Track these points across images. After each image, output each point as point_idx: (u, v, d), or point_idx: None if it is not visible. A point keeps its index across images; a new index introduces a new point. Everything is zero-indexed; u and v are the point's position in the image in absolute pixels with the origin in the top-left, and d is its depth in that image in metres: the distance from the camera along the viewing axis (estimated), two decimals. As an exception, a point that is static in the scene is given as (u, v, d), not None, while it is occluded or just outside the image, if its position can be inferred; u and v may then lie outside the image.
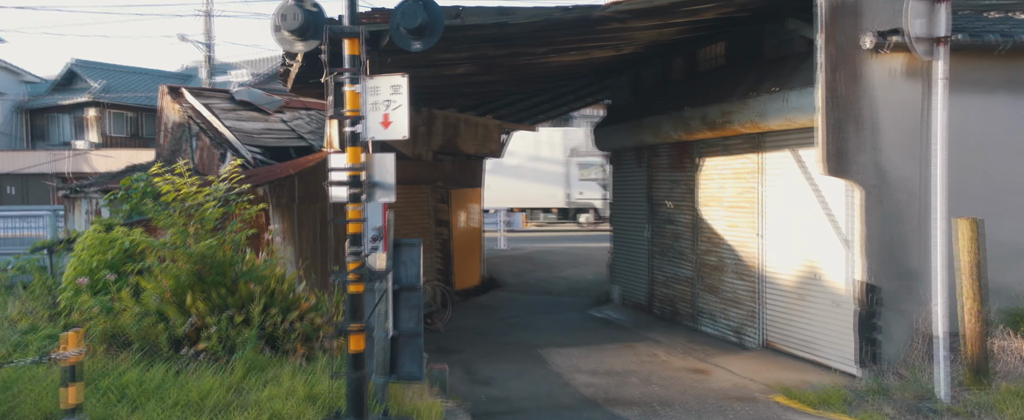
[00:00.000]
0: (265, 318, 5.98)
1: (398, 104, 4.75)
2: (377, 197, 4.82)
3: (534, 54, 9.22)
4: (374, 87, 4.79)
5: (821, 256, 8.01)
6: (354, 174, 4.70)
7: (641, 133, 11.27)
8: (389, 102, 4.74)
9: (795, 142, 8.41)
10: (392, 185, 4.81)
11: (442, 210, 13.85)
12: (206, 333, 5.75)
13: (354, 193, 4.71)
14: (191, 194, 6.33)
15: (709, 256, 10.14)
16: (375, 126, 4.77)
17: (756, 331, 9.14)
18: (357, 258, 4.69)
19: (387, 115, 4.77)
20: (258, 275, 6.22)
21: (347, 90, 4.62)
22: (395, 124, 4.78)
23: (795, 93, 7.81)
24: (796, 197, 8.40)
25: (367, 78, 4.75)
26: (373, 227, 4.71)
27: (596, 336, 10.55)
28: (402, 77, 4.80)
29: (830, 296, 7.87)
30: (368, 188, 4.81)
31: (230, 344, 5.79)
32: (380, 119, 4.76)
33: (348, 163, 4.68)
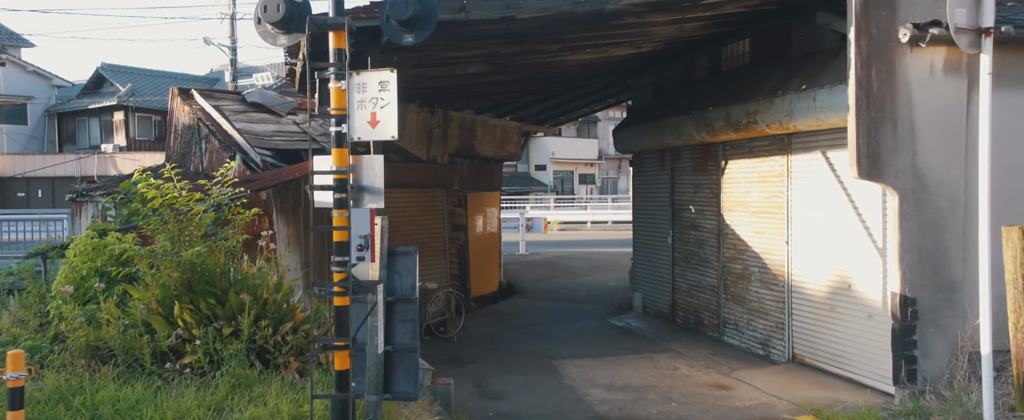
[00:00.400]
0: (255, 330, 5.64)
1: (386, 102, 4.38)
2: (365, 202, 4.45)
3: (547, 52, 8.81)
4: (361, 83, 4.43)
5: (853, 265, 7.49)
6: (340, 178, 4.32)
7: (663, 135, 10.81)
8: (377, 100, 4.38)
9: (825, 144, 7.90)
10: (381, 189, 4.43)
11: (458, 214, 13.49)
12: (191, 346, 5.42)
13: (339, 198, 4.34)
14: (180, 198, 6.02)
15: (734, 264, 9.64)
16: (362, 125, 4.41)
17: (783, 344, 8.62)
18: (342, 268, 4.32)
19: (374, 113, 4.40)
20: (250, 284, 5.88)
21: (332, 87, 4.25)
22: (383, 123, 4.41)
23: (825, 91, 7.32)
24: (826, 202, 7.89)
25: (353, 74, 4.38)
26: (359, 235, 4.34)
27: (615, 346, 10.10)
28: (390, 72, 4.43)
29: (863, 308, 7.35)
30: (355, 193, 4.44)
31: (217, 358, 5.46)
32: (367, 118, 4.39)
33: (333, 165, 4.31)
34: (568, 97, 14.24)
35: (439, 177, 12.02)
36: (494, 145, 13.98)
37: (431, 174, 11.76)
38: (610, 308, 13.21)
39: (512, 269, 16.72)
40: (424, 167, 11.59)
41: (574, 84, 12.55)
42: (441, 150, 12.28)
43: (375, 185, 4.40)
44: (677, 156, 11.02)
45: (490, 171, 14.42)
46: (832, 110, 7.24)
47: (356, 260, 4.35)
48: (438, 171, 12.00)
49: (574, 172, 47.66)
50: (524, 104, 14.18)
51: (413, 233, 11.31)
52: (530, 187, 43.89)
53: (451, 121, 12.58)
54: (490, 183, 14.49)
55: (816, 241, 8.09)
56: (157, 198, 6.01)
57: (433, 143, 12.05)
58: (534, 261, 18.29)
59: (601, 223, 31.98)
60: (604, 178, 49.15)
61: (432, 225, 11.72)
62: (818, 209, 8.04)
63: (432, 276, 11.44)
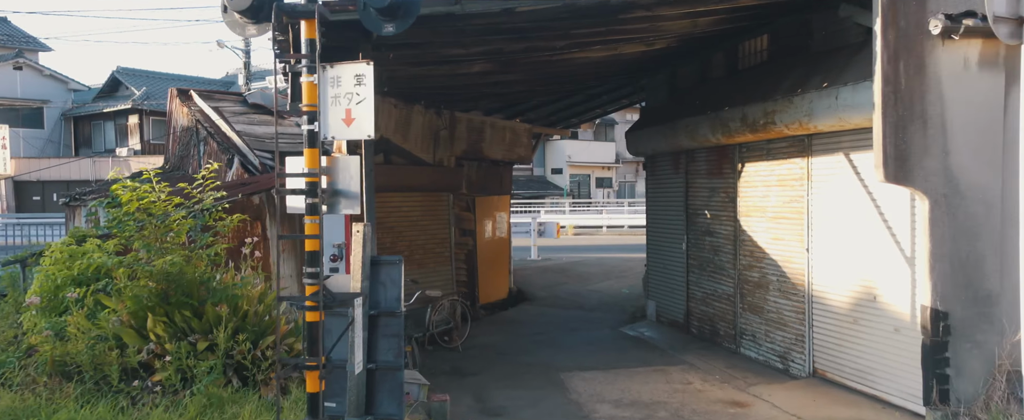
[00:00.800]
0: (233, 345, 5.27)
1: (362, 97, 3.99)
2: (341, 208, 4.05)
3: (554, 49, 8.39)
4: (335, 77, 4.04)
5: (878, 275, 7.00)
6: (312, 181, 3.93)
7: (677, 136, 10.34)
8: (352, 95, 3.99)
9: (848, 145, 7.42)
10: (357, 194, 4.04)
11: (466, 219, 13.10)
12: (161, 363, 5.06)
13: (312, 203, 3.95)
14: (157, 203, 5.67)
15: (751, 271, 9.15)
16: (335, 123, 4.02)
17: (804, 357, 8.13)
18: (314, 280, 3.92)
19: (350, 110, 4.01)
20: (230, 295, 5.51)
21: (303, 81, 3.87)
22: (359, 121, 4.02)
23: (848, 89, 6.84)
24: (849, 207, 7.40)
25: (326, 67, 3.99)
26: (333, 244, 3.95)
27: (625, 358, 9.64)
28: (367, 65, 4.04)
29: (890, 321, 6.85)
30: (330, 197, 4.05)
31: (190, 375, 5.09)
32: (341, 115, 4.00)
33: (305, 167, 3.92)
34: (580, 98, 13.81)
35: (445, 180, 11.64)
36: (503, 147, 13.58)
37: (437, 177, 11.38)
38: (622, 317, 12.74)
39: (523, 275, 16.29)
40: (429, 170, 11.21)
41: (585, 84, 12.12)
42: (448, 153, 11.89)
43: (351, 189, 4.00)
44: (692, 158, 10.55)
45: (499, 174, 14.01)
46: (856, 109, 6.77)
47: (329, 271, 3.96)
48: (444, 174, 11.61)
49: (591, 176, 47.18)
50: (534, 105, 13.77)
51: (417, 238, 10.93)
52: (546, 191, 43.47)
53: (458, 123, 12.19)
54: (499, 186, 14.08)
55: (838, 249, 7.60)
56: (133, 202, 5.65)
57: (439, 145, 11.67)
58: (546, 267, 17.85)
59: (617, 227, 31.45)
60: (622, 182, 48.61)
61: (437, 230, 11.33)
62: (840, 215, 7.56)
63: (437, 283, 11.04)
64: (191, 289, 5.48)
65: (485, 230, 13.53)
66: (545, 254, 20.17)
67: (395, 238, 10.55)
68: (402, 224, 10.69)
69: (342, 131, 4.03)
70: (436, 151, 11.60)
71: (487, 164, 13.41)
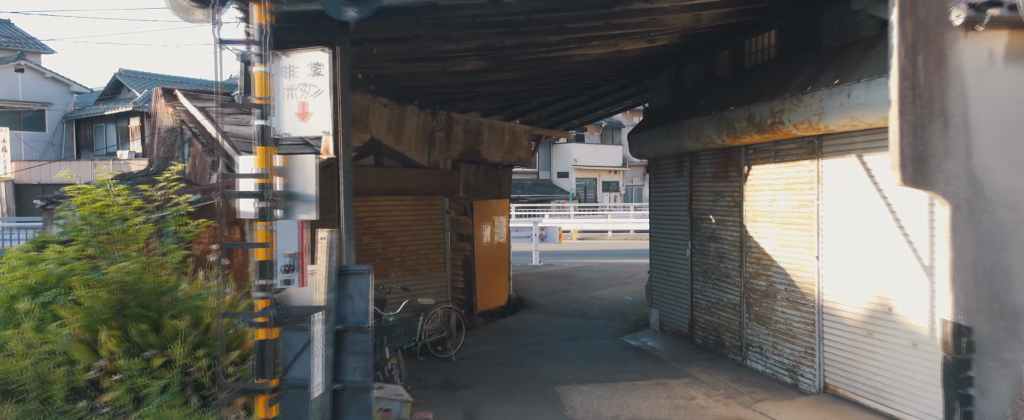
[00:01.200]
0: (192, 361, 4.85)
1: (319, 89, 3.57)
2: (297, 213, 3.63)
3: (550, 45, 7.96)
4: (289, 67, 3.62)
5: (894, 285, 6.53)
6: (264, 182, 3.51)
7: (680, 138, 9.89)
8: (308, 86, 3.57)
9: (861, 146, 6.96)
10: (313, 197, 3.62)
11: (463, 224, 12.68)
12: (108, 381, 4.64)
13: (263, 208, 3.53)
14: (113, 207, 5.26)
15: (758, 280, 8.68)
16: (289, 118, 3.61)
17: (813, 371, 7.66)
18: (266, 294, 3.50)
19: (305, 104, 3.59)
20: (191, 306, 5.10)
21: (254, 71, 3.46)
22: (315, 115, 3.60)
23: (861, 85, 6.38)
24: (862, 212, 6.94)
25: (280, 55, 3.58)
26: (285, 254, 3.53)
27: (626, 370, 9.18)
28: (323, 53, 3.61)
29: (906, 335, 6.38)
30: (284, 201, 3.63)
31: (143, 394, 4.67)
32: (296, 109, 3.58)
33: (255, 167, 3.50)
34: (582, 99, 13.36)
35: (441, 184, 11.21)
36: (502, 150, 13.16)
37: (431, 180, 10.96)
38: (625, 325, 12.29)
39: (523, 281, 15.85)
40: (423, 173, 10.79)
41: (586, 84, 11.68)
42: (444, 155, 11.48)
43: (307, 192, 3.59)
44: (696, 161, 10.10)
45: (498, 177, 13.58)
46: (870, 107, 6.31)
47: (282, 284, 3.54)
48: (439, 177, 11.19)
49: (597, 179, 46.71)
50: (534, 106, 13.34)
51: (410, 244, 10.51)
52: (552, 194, 43.02)
53: (455, 124, 11.78)
54: (498, 190, 13.65)
55: (850, 257, 7.14)
56: (86, 205, 5.25)
57: (435, 147, 11.26)
58: (547, 273, 17.40)
59: (622, 232, 30.93)
60: (628, 186, 48.11)
61: (431, 235, 10.90)
62: (853, 220, 7.10)
63: (430, 291, 10.62)
64: (150, 300, 5.06)
65: (483, 235, 13.11)
66: (547, 259, 19.72)
67: (386, 244, 10.14)
68: (393, 229, 10.27)
69: (297, 126, 3.61)
70: (431, 153, 11.19)
71: (485, 167, 12.99)
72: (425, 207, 10.86)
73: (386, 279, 10.02)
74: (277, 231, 3.53)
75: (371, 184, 9.79)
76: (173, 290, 5.31)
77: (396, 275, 10.23)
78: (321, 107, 3.60)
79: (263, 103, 3.54)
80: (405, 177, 10.42)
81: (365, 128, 9.80)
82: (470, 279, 12.74)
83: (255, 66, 3.48)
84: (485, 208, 13.16)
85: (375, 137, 10.00)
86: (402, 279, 10.23)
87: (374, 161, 10.01)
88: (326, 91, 3.59)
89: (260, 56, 3.51)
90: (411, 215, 10.62)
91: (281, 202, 3.64)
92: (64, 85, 33.67)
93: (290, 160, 3.68)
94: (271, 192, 3.53)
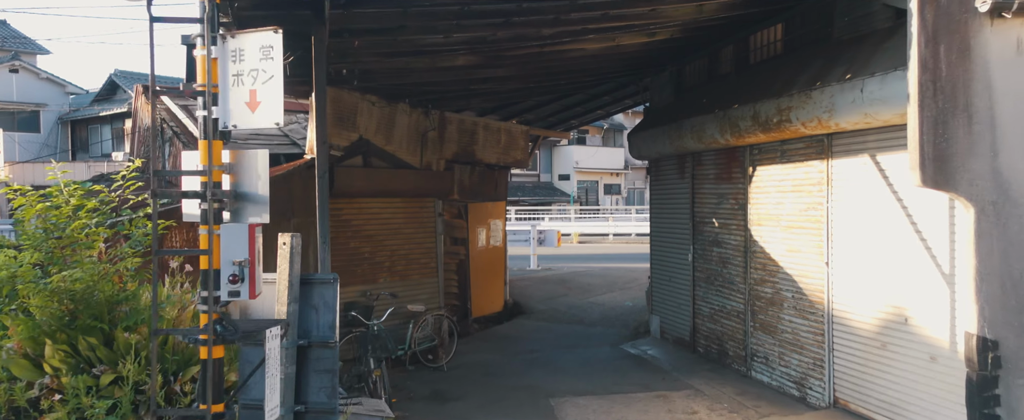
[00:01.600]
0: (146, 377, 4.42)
1: (270, 75, 3.15)
2: (247, 215, 3.22)
3: (544, 39, 7.55)
4: (236, 50, 3.20)
5: (910, 294, 6.10)
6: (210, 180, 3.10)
7: (682, 138, 9.47)
8: (258, 72, 3.15)
9: (874, 145, 6.53)
10: (265, 198, 3.21)
11: (458, 227, 12.25)
12: (48, 401, 4.22)
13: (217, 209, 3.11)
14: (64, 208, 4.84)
15: (763, 287, 8.25)
16: (238, 108, 3.19)
17: (823, 385, 7.22)
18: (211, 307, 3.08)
19: (255, 92, 3.17)
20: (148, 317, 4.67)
21: (197, 55, 3.05)
22: (265, 104, 3.18)
23: (875, 80, 5.96)
24: (875, 216, 6.51)
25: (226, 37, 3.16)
26: (232, 261, 3.11)
27: (625, 381, 8.75)
28: (275, 34, 3.20)
29: (924, 348, 5.95)
30: (232, 202, 3.21)
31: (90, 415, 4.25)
32: (245, 97, 3.16)
33: (199, 164, 3.09)
34: (581, 98, 12.94)
35: (433, 185, 10.79)
36: (498, 150, 12.73)
37: (423, 182, 10.53)
38: (624, 332, 11.86)
39: (520, 286, 15.41)
40: (414, 174, 10.37)
41: (584, 82, 11.26)
42: (436, 156, 11.06)
43: (258, 192, 3.17)
44: (698, 162, 9.67)
45: (494, 179, 13.16)
46: (885, 103, 5.89)
47: (228, 296, 3.12)
48: (432, 179, 10.77)
49: (599, 182, 46.30)
50: (531, 106, 12.92)
51: (400, 248, 10.08)
52: (553, 197, 42.62)
53: (448, 123, 11.36)
54: (494, 192, 13.22)
55: (863, 263, 6.70)
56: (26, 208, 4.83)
57: (427, 148, 10.83)
58: (546, 277, 16.96)
59: (624, 235, 30.49)
60: (630, 188, 47.69)
61: (422, 239, 10.48)
62: (865, 224, 6.67)
63: (421, 297, 10.19)
64: (103, 310, 4.65)
65: (478, 238, 12.69)
66: (546, 263, 19.28)
67: (375, 248, 9.71)
68: (383, 232, 9.85)
69: (245, 117, 3.19)
70: (423, 154, 10.77)
71: (481, 168, 12.56)
72: (416, 209, 10.44)
73: (374, 285, 9.61)
74: (223, 236, 3.11)
75: (359, 185, 9.37)
76: (130, 299, 4.89)
77: (385, 280, 9.81)
78: (271, 95, 3.18)
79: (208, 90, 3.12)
80: (395, 178, 10.00)
81: (353, 127, 9.38)
82: (464, 284, 12.31)
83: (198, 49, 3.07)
84: (480, 211, 12.74)
85: (364, 136, 9.58)
86: (392, 284, 9.81)
87: (363, 161, 9.59)
88: (277, 76, 3.17)
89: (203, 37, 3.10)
90: (401, 218, 10.21)
91: (229, 203, 3.22)
92: (59, 86, 33.34)
93: (239, 156, 3.27)
94: (217, 191, 3.11)
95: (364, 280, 9.51)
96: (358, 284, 9.41)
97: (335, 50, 7.13)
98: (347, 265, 9.33)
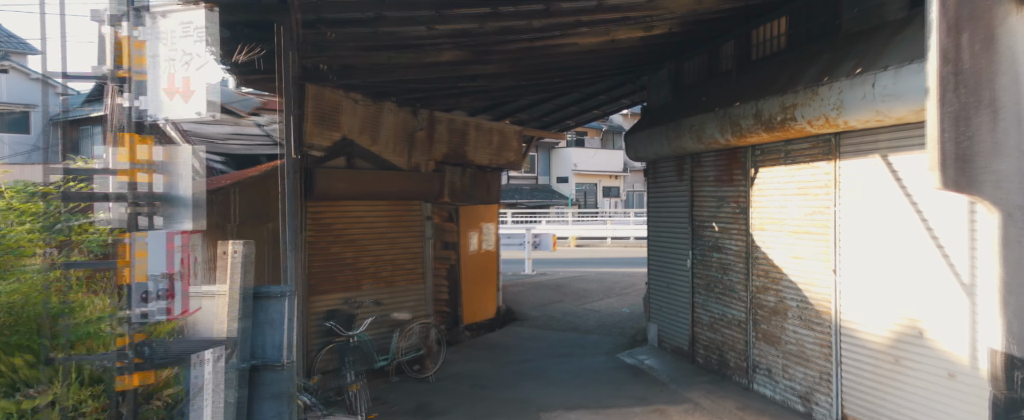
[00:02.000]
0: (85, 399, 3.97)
1: (197, 58, 2.70)
2: (177, 221, 2.77)
3: (535, 32, 7.11)
4: (159, 30, 2.75)
5: (926, 306, 5.66)
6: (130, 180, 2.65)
7: (681, 138, 9.03)
8: (182, 55, 2.71)
9: (885, 145, 6.09)
10: (197, 201, 2.75)
11: (448, 231, 11.82)
12: (-34, 429, 3.77)
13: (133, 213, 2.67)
14: (-3, 213, 4.40)
15: (766, 295, 7.81)
16: (161, 96, 2.74)
17: (830, 400, 6.78)
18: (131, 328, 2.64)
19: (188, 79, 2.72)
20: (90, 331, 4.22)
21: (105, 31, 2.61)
22: (192, 92, 2.73)
23: (888, 74, 5.52)
24: (887, 221, 6.07)
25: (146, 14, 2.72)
26: (155, 275, 2.66)
27: (620, 393, 8.31)
28: (199, 10, 2.75)
29: (941, 364, 5.51)
30: (162, 206, 2.77)
31: (15, 444, 3.80)
32: (168, 83, 2.72)
33: (117, 160, 2.64)
34: (575, 97, 12.51)
35: (421, 187, 10.34)
36: (490, 151, 12.30)
37: (410, 184, 10.09)
38: (621, 340, 11.41)
39: (513, 292, 14.96)
40: (401, 176, 9.93)
41: (578, 80, 10.82)
42: (425, 157, 10.62)
43: (184, 193, 2.72)
44: (697, 163, 9.23)
45: (486, 181, 12.72)
46: (899, 98, 5.45)
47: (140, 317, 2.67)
48: (420, 181, 10.33)
49: (598, 185, 45.85)
50: (525, 105, 12.50)
51: (385, 253, 9.63)
52: (551, 200, 42.19)
53: (438, 123, 10.93)
54: (486, 195, 12.79)
55: (874, 271, 6.26)
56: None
57: (415, 148, 10.40)
58: (540, 283, 16.50)
59: (622, 239, 30.02)
60: (629, 191, 47.24)
61: (409, 243, 10.03)
62: (876, 230, 6.22)
63: (407, 304, 9.75)
64: (38, 326, 4.19)
65: (470, 243, 12.25)
66: (541, 268, 18.83)
67: (358, 253, 9.26)
68: (367, 237, 9.40)
69: (168, 106, 2.75)
70: (412, 155, 10.33)
71: (472, 170, 12.13)
72: (403, 213, 9.99)
73: (358, 292, 9.16)
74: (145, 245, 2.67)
75: (341, 187, 8.93)
76: (74, 313, 4.43)
77: (369, 287, 9.36)
78: (200, 81, 2.74)
79: (129, 76, 2.68)
80: (381, 180, 9.55)
81: (336, 126, 8.95)
82: (455, 290, 11.87)
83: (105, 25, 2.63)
84: (472, 214, 12.31)
85: (347, 136, 9.15)
86: (376, 291, 9.37)
87: (346, 162, 9.16)
88: (205, 58, 2.74)
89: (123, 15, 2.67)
90: (387, 221, 9.76)
91: (153, 207, 2.78)
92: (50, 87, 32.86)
93: (170, 152, 2.83)
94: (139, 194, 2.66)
95: (346, 287, 9.06)
96: (340, 291, 8.96)
97: (310, 43, 6.70)
98: (328, 271, 8.88)
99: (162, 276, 2.69)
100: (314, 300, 8.61)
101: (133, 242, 2.66)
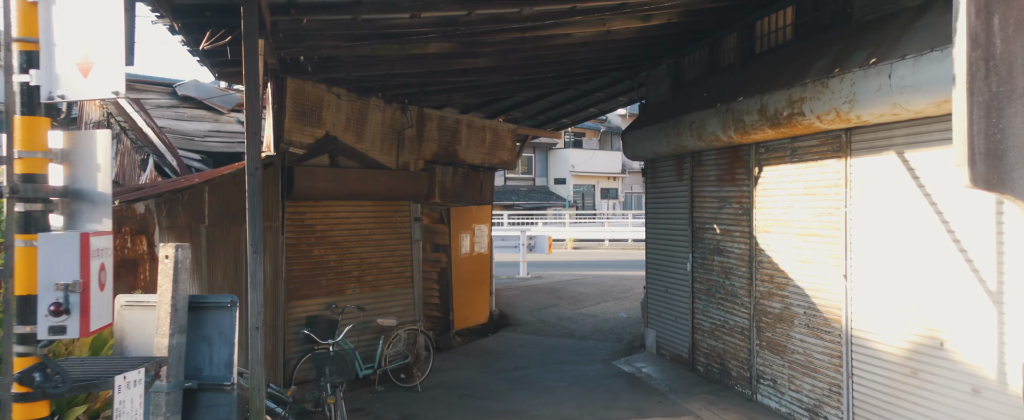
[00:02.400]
0: (13, 421, 3.52)
1: (107, 27, 2.26)
2: (82, 221, 2.33)
3: (526, 22, 6.68)
4: (66, -6, 2.31)
5: (948, 314, 5.22)
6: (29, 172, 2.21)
7: (681, 135, 8.60)
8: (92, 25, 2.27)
9: (902, 140, 5.67)
10: (108, 198, 2.32)
11: (438, 232, 11.38)
12: None
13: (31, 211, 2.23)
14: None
15: (770, 301, 7.38)
16: (67, 70, 2.30)
17: (841, 414, 6.34)
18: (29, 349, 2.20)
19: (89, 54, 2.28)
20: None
21: (11, 0, 2.17)
22: (100, 66, 2.29)
23: (906, 64, 5.09)
24: (903, 222, 5.64)
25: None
26: (55, 284, 2.22)
27: (616, 405, 7.87)
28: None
29: (964, 377, 5.07)
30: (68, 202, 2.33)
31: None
32: (77, 57, 2.28)
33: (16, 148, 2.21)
34: (571, 94, 12.08)
35: (409, 187, 9.89)
36: (483, 150, 11.86)
37: (397, 183, 9.64)
38: (618, 347, 10.97)
39: (507, 296, 14.51)
40: (388, 175, 9.49)
41: (573, 75, 10.38)
42: (414, 155, 10.18)
43: (93, 188, 2.28)
44: (698, 162, 8.80)
45: (479, 181, 12.28)
46: (918, 90, 5.02)
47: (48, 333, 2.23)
48: (408, 180, 9.88)
49: (596, 186, 45.43)
50: (519, 103, 12.06)
51: (370, 256, 9.19)
52: (548, 201, 41.74)
53: (428, 121, 10.49)
54: (479, 195, 12.34)
55: (888, 277, 5.83)
56: None
57: (404, 147, 9.96)
58: (535, 286, 16.05)
59: (620, 241, 29.58)
60: (627, 193, 46.83)
61: (396, 245, 9.58)
62: (891, 232, 5.79)
63: (394, 309, 9.30)
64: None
65: (461, 245, 11.80)
66: (536, 271, 18.38)
67: (342, 255, 8.82)
68: (351, 239, 8.96)
69: (76, 84, 2.31)
70: (400, 153, 9.89)
71: (464, 169, 11.69)
72: (390, 214, 9.55)
73: (341, 297, 8.71)
74: (42, 249, 2.23)
75: (323, 186, 8.49)
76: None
77: (354, 292, 8.92)
78: (110, 54, 2.31)
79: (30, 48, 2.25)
80: (366, 179, 9.11)
81: (318, 122, 8.51)
82: (446, 295, 11.43)
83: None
84: (464, 215, 11.86)
85: (331, 133, 8.71)
86: (361, 296, 8.92)
87: (329, 160, 8.71)
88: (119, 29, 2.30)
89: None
90: (372, 223, 9.31)
91: (65, 204, 2.34)
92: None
93: (75, 138, 2.39)
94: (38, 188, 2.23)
95: (329, 291, 8.62)
96: (322, 296, 8.52)
97: (286, 31, 6.27)
98: (310, 275, 8.44)
99: (65, 287, 2.25)
100: (293, 306, 8.17)
101: (8, 247, 2.21)
